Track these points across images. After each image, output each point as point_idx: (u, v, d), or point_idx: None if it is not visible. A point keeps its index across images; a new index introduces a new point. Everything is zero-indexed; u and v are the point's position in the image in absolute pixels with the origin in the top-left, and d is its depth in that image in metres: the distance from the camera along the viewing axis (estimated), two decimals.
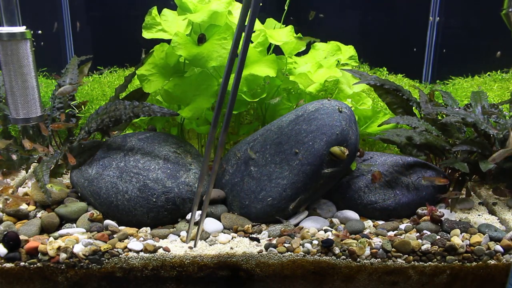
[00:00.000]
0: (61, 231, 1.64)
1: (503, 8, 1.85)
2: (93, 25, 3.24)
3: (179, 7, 2.03)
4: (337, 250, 1.58)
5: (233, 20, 1.96)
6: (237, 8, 2.08)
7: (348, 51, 2.25)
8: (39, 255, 1.53)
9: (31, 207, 1.78)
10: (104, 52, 3.12)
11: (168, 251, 1.55)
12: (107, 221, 1.70)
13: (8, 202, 1.71)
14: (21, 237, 1.57)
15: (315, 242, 1.60)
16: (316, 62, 2.16)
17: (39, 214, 1.75)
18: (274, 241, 1.62)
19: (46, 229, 1.66)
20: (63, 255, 1.52)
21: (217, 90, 1.99)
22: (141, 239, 1.62)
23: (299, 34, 2.08)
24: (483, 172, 1.81)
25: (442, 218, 1.72)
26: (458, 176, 1.95)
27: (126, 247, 1.57)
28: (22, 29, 1.59)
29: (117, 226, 1.69)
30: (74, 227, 1.69)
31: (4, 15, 1.56)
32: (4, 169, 2.03)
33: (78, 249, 1.54)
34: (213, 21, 1.96)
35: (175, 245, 1.60)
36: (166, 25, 2.02)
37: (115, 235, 1.62)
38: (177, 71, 2.04)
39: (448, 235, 1.67)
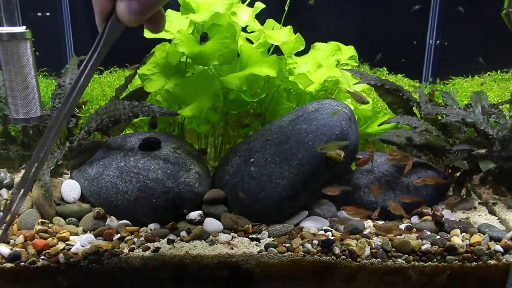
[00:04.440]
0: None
1: (503, 8, 1.85)
2: (93, 25, 3.24)
3: (182, 7, 2.03)
4: (337, 250, 1.58)
5: (236, 21, 1.97)
6: (243, 10, 2.08)
7: (348, 51, 2.25)
8: (39, 255, 1.53)
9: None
10: None
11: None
12: (110, 220, 1.71)
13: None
14: (22, 232, 1.58)
15: (315, 242, 1.60)
16: (316, 62, 2.16)
17: None
18: (274, 241, 1.62)
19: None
20: (63, 255, 1.52)
21: (218, 90, 2.00)
22: (142, 238, 1.62)
23: (298, 34, 2.08)
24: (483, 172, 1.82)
25: (443, 219, 1.72)
26: (458, 176, 1.95)
27: (126, 247, 1.57)
28: (22, 29, 1.59)
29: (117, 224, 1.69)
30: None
31: (4, 15, 1.56)
32: (4, 168, 2.03)
33: (78, 249, 1.54)
34: (215, 21, 1.97)
35: (175, 245, 1.60)
36: (168, 25, 2.02)
37: (117, 235, 1.62)
38: (179, 70, 2.04)
39: (448, 235, 1.67)
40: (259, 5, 2.09)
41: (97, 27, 1.06)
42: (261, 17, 2.14)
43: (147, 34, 2.00)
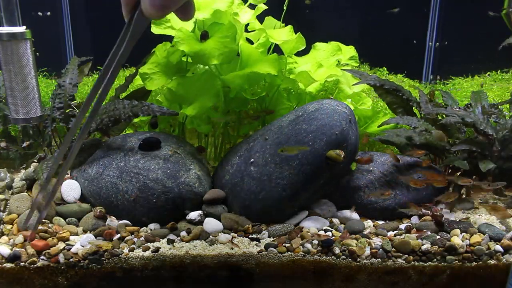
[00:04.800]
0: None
1: (503, 8, 1.85)
2: (93, 25, 3.24)
3: None
4: (337, 250, 1.58)
5: (237, 20, 1.97)
6: (246, 11, 2.08)
7: (348, 52, 2.25)
8: (39, 255, 1.53)
9: None
10: (104, 52, 3.12)
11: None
12: (109, 220, 1.71)
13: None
14: (23, 233, 1.59)
15: (315, 242, 1.60)
16: (317, 62, 2.16)
17: None
18: (274, 241, 1.62)
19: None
20: (63, 255, 1.52)
21: (219, 89, 2.00)
22: (142, 238, 1.62)
23: (299, 34, 2.08)
24: (483, 172, 1.81)
25: (443, 219, 1.72)
26: (458, 176, 1.95)
27: (126, 247, 1.57)
28: (22, 29, 1.59)
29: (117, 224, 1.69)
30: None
31: (4, 15, 1.56)
32: (4, 168, 2.03)
33: (78, 249, 1.54)
34: (216, 19, 1.97)
35: (175, 245, 1.60)
36: (174, 23, 2.03)
37: (117, 235, 1.63)
38: (180, 70, 2.04)
39: (448, 235, 1.67)
40: (261, 6, 2.09)
41: (124, 18, 1.05)
42: (260, 17, 2.15)
43: (154, 29, 2.01)
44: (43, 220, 1.68)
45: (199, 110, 1.94)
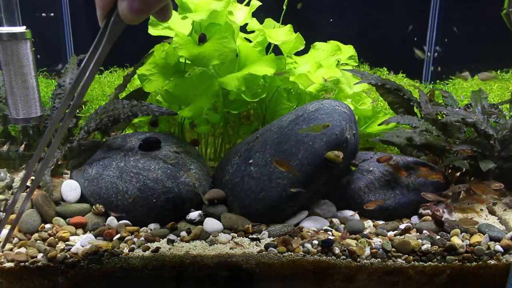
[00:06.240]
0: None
1: (503, 8, 1.85)
2: (94, 25, 3.24)
3: (180, 7, 2.03)
4: (337, 250, 1.58)
5: (233, 20, 1.97)
6: (239, 9, 2.08)
7: (347, 51, 2.25)
8: (39, 255, 1.53)
9: None
10: None
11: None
12: (110, 220, 1.71)
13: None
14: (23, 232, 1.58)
15: (315, 242, 1.60)
16: (316, 62, 2.16)
17: None
18: (274, 241, 1.62)
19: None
20: (63, 255, 1.52)
21: (217, 90, 2.00)
22: (142, 238, 1.62)
23: (298, 34, 2.08)
24: (483, 172, 1.81)
25: (443, 219, 1.72)
26: (458, 176, 1.95)
27: (126, 247, 1.57)
28: (22, 29, 1.59)
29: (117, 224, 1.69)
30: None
31: (4, 15, 1.56)
32: (4, 168, 2.03)
33: (78, 249, 1.54)
34: (213, 20, 1.97)
35: (175, 245, 1.60)
36: (172, 23, 2.02)
37: (117, 235, 1.62)
38: (178, 71, 2.04)
39: (448, 235, 1.67)
40: (255, 3, 2.09)
41: (98, 22, 1.05)
42: (260, 18, 2.14)
43: (152, 31, 2.00)
44: (44, 226, 1.68)
45: (196, 112, 1.94)
